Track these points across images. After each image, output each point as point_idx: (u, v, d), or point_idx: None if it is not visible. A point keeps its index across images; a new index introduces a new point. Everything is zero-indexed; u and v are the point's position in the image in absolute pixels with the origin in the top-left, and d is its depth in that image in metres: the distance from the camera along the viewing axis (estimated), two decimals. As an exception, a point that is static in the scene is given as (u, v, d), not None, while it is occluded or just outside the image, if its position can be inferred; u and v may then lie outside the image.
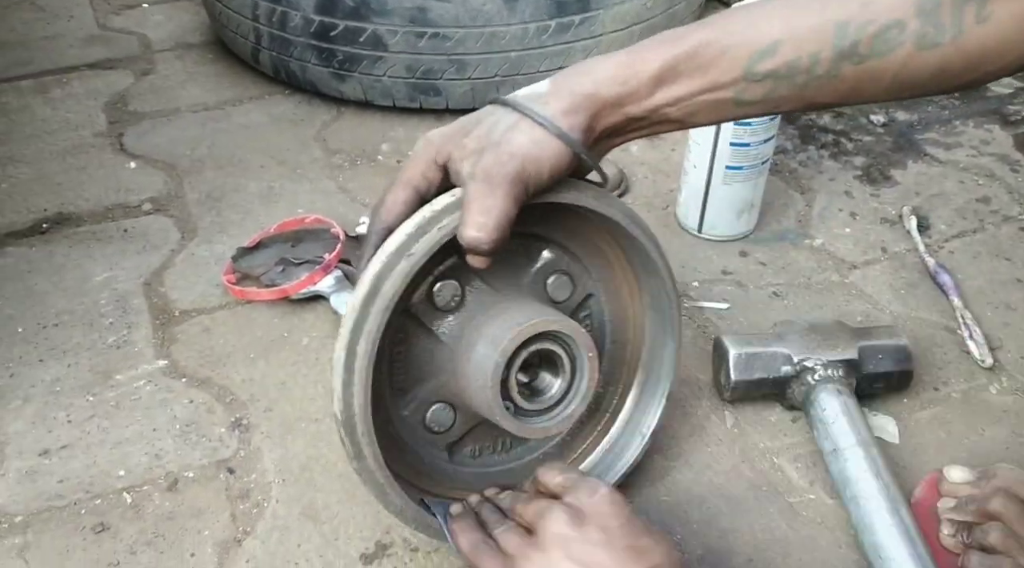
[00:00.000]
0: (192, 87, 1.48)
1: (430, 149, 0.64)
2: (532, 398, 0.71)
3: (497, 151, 0.60)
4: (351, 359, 0.64)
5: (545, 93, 0.63)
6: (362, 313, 0.63)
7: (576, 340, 0.69)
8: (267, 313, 1.04)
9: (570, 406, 0.71)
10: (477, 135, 0.62)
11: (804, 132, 1.40)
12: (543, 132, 0.61)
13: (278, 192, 1.24)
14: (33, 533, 0.80)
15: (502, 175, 0.60)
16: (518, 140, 0.61)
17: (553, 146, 0.61)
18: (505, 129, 0.61)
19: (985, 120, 1.43)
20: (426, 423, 0.74)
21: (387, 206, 0.65)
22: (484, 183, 0.60)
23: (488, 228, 0.60)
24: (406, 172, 0.65)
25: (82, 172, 1.26)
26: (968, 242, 1.17)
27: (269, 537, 0.80)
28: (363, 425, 0.65)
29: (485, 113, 0.64)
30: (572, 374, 0.71)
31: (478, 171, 0.60)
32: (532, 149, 0.61)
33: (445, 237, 0.63)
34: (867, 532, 0.76)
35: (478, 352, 0.68)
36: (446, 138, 0.63)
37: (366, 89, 1.38)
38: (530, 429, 0.70)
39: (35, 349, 0.98)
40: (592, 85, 0.62)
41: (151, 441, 0.88)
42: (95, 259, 1.11)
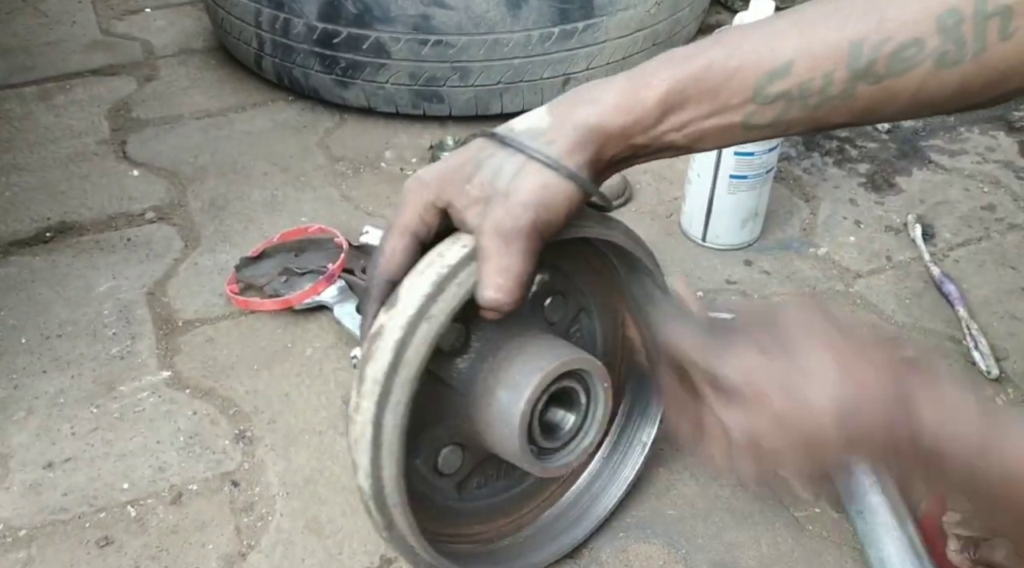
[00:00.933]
0: (195, 94, 1.48)
1: (426, 192, 0.60)
2: (550, 436, 0.69)
3: (507, 203, 0.57)
4: (378, 433, 0.60)
5: (546, 129, 0.59)
6: (386, 385, 0.59)
7: (593, 374, 0.68)
8: (270, 323, 1.03)
9: (586, 438, 0.70)
10: (480, 182, 0.58)
11: (808, 139, 1.39)
12: (552, 175, 0.58)
13: (281, 200, 1.24)
14: (37, 547, 0.79)
15: (517, 230, 0.57)
16: (527, 187, 0.57)
17: (564, 189, 0.58)
18: (512, 175, 0.57)
19: (990, 126, 1.43)
20: (437, 468, 0.72)
21: (386, 256, 0.61)
22: (498, 239, 0.57)
23: (507, 289, 0.58)
24: (402, 217, 0.61)
25: (85, 180, 1.26)
26: (973, 251, 1.17)
27: (273, 551, 0.80)
28: (395, 497, 0.62)
29: (483, 154, 0.59)
30: (587, 405, 0.70)
31: (489, 226, 0.57)
32: (544, 196, 0.57)
33: (466, 295, 0.60)
34: (873, 547, 0.76)
35: (500, 399, 0.65)
36: (444, 181, 0.60)
37: (369, 96, 1.37)
38: (551, 469, 0.69)
39: (38, 360, 0.98)
40: (596, 117, 0.59)
41: (155, 453, 0.88)
42: (98, 268, 1.11)
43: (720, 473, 0.58)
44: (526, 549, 0.79)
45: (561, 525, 0.81)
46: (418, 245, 0.62)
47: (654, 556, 0.80)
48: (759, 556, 0.80)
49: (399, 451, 0.61)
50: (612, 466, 0.83)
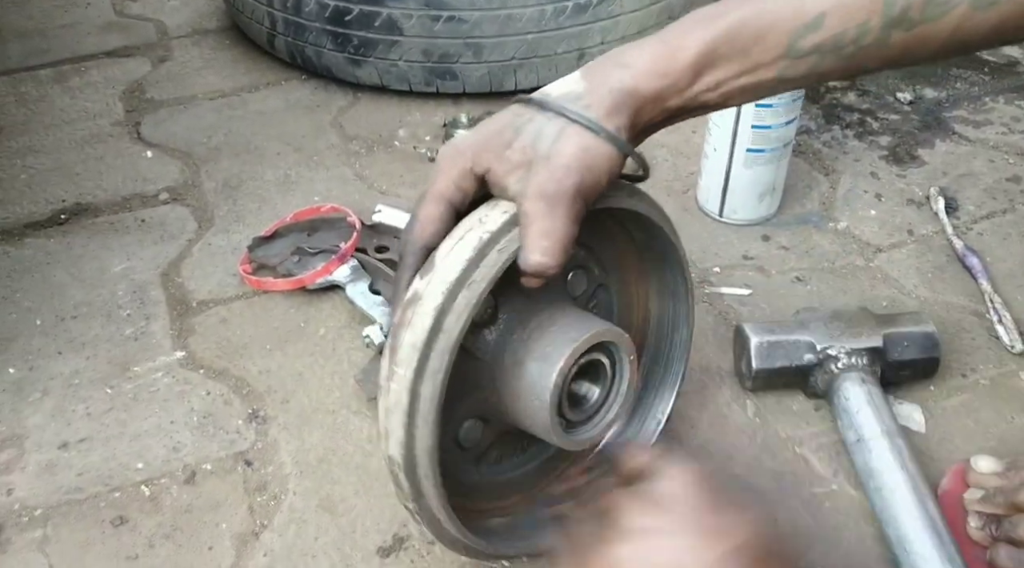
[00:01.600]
0: (208, 74, 1.47)
1: (462, 159, 0.59)
2: (575, 408, 0.68)
3: (550, 165, 0.56)
4: (414, 401, 0.59)
5: (583, 92, 0.58)
6: (424, 352, 0.58)
7: (619, 346, 0.67)
8: (283, 303, 1.03)
9: (611, 411, 0.69)
10: (522, 146, 0.58)
11: (828, 111, 1.37)
12: (593, 138, 0.57)
13: (295, 180, 1.23)
14: (53, 527, 0.80)
15: (561, 193, 0.56)
16: (569, 151, 0.56)
17: (605, 152, 0.57)
18: (553, 139, 0.57)
19: (1016, 96, 1.39)
20: (459, 441, 0.71)
21: (421, 222, 0.61)
22: (542, 202, 0.56)
23: (553, 252, 0.57)
24: (437, 184, 0.60)
25: (100, 162, 1.26)
26: (998, 223, 1.14)
27: (286, 530, 0.80)
28: (426, 467, 0.61)
29: (522, 119, 0.59)
30: (612, 378, 0.69)
31: (533, 190, 0.57)
32: (586, 159, 0.57)
33: (507, 261, 0.59)
34: (892, 525, 0.75)
35: (530, 371, 0.64)
36: (481, 147, 0.59)
37: (382, 74, 1.36)
38: (577, 441, 0.68)
39: (54, 342, 0.98)
40: (631, 80, 0.58)
41: (169, 433, 0.88)
42: (113, 250, 1.11)
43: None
44: (540, 525, 0.78)
45: None
46: (453, 212, 0.61)
47: (668, 534, 0.79)
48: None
49: (435, 421, 0.60)
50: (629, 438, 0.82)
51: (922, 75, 1.46)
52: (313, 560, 0.77)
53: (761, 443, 0.87)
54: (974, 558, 0.72)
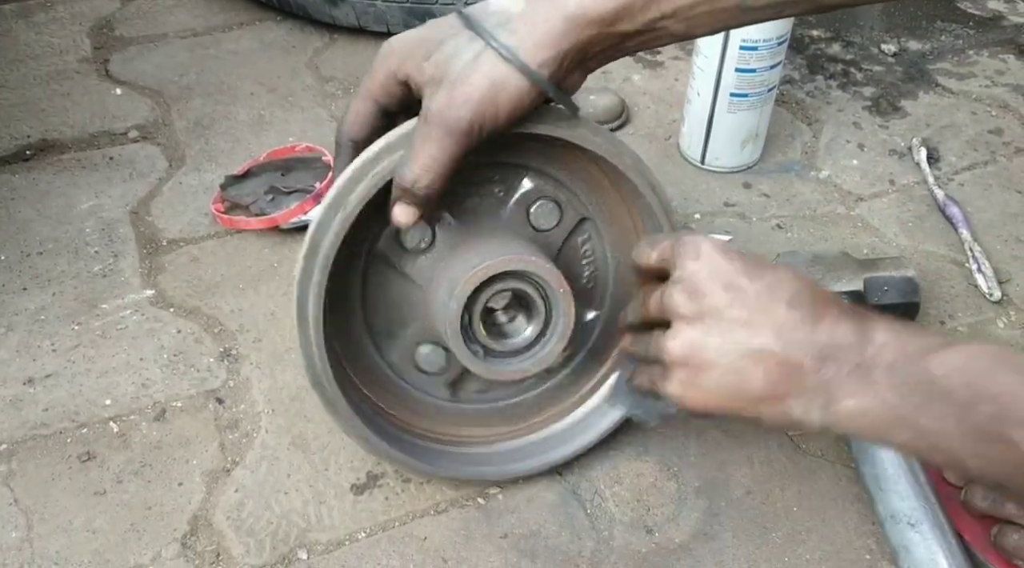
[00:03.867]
0: (180, 12, 1.43)
1: (389, 62, 0.60)
2: (501, 339, 0.68)
3: (451, 91, 0.56)
4: (303, 312, 0.65)
5: (516, 15, 0.56)
6: (305, 268, 0.63)
7: (545, 278, 0.65)
8: (256, 243, 1.01)
9: (547, 346, 0.68)
10: (436, 61, 0.57)
11: (812, 62, 1.35)
12: (507, 68, 0.55)
13: (268, 120, 1.20)
14: (18, 461, 0.78)
15: (452, 121, 0.56)
16: (476, 80, 0.55)
17: (515, 84, 0.56)
18: (466, 62, 0.56)
19: (1000, 50, 1.39)
20: (417, 365, 0.72)
21: (349, 118, 0.63)
22: (432, 127, 0.57)
23: (423, 175, 0.58)
24: (367, 82, 0.62)
25: (66, 98, 1.22)
26: (979, 174, 1.14)
27: (258, 467, 0.78)
28: (324, 379, 0.67)
29: (448, 31, 0.58)
30: (547, 313, 0.68)
31: (430, 111, 0.57)
32: (489, 91, 0.56)
33: (378, 185, 0.61)
34: (868, 464, 0.75)
35: (440, 296, 0.66)
36: (406, 53, 0.59)
37: (359, 15, 1.33)
38: (502, 371, 0.68)
39: (18, 277, 0.96)
40: (576, 4, 0.55)
41: (138, 371, 0.86)
42: (80, 187, 1.08)
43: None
44: (516, 456, 0.77)
45: (558, 440, 0.79)
46: (380, 111, 0.63)
47: (645, 473, 0.79)
48: (752, 474, 0.79)
49: (319, 333, 0.65)
50: None
51: (906, 27, 1.44)
52: (286, 496, 0.76)
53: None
54: (948, 498, 0.73)
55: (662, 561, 0.73)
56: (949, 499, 0.72)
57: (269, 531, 0.74)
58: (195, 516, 0.75)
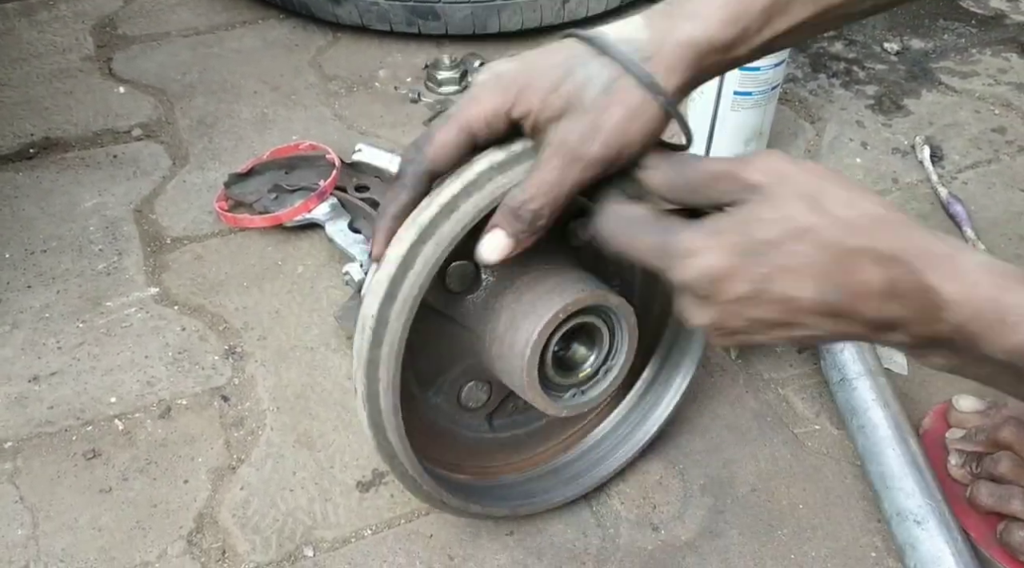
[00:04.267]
0: (182, 11, 1.43)
1: (503, 95, 0.54)
2: (566, 373, 0.66)
3: (585, 122, 0.52)
4: (372, 369, 0.58)
5: (646, 41, 0.53)
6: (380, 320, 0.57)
7: (617, 311, 0.64)
8: (260, 241, 1.01)
9: (607, 378, 0.66)
10: (567, 92, 0.52)
11: (815, 60, 1.35)
12: (643, 96, 0.52)
13: (272, 118, 1.20)
14: (23, 459, 0.78)
15: (583, 152, 0.52)
16: (613, 110, 0.52)
17: (650, 115, 0.53)
18: (600, 90, 0.52)
19: (1003, 48, 1.39)
20: (461, 402, 0.70)
21: (435, 145, 0.56)
22: (561, 156, 0.53)
23: (539, 203, 0.54)
24: (467, 111, 0.55)
25: (69, 96, 1.22)
26: (982, 173, 1.14)
27: (264, 464, 0.78)
28: (393, 428, 0.61)
29: (575, 60, 0.53)
30: (609, 346, 0.66)
31: (557, 140, 0.53)
32: (626, 124, 0.52)
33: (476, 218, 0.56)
34: (874, 462, 0.75)
35: (510, 337, 0.62)
36: (526, 88, 0.53)
37: (362, 13, 1.33)
38: (568, 407, 0.66)
39: (23, 275, 0.95)
40: (702, 31, 0.53)
41: (143, 368, 0.86)
42: (84, 185, 1.08)
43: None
44: (551, 484, 0.76)
45: (585, 464, 0.78)
46: (472, 145, 0.56)
47: (651, 472, 0.79)
48: (757, 471, 0.79)
49: (393, 385, 0.59)
50: (642, 409, 0.79)
51: (909, 26, 1.44)
52: (291, 494, 0.76)
53: (743, 384, 0.87)
54: (954, 496, 0.73)
55: (668, 559, 0.73)
56: (955, 496, 0.72)
57: (275, 528, 0.74)
58: (201, 513, 0.75)
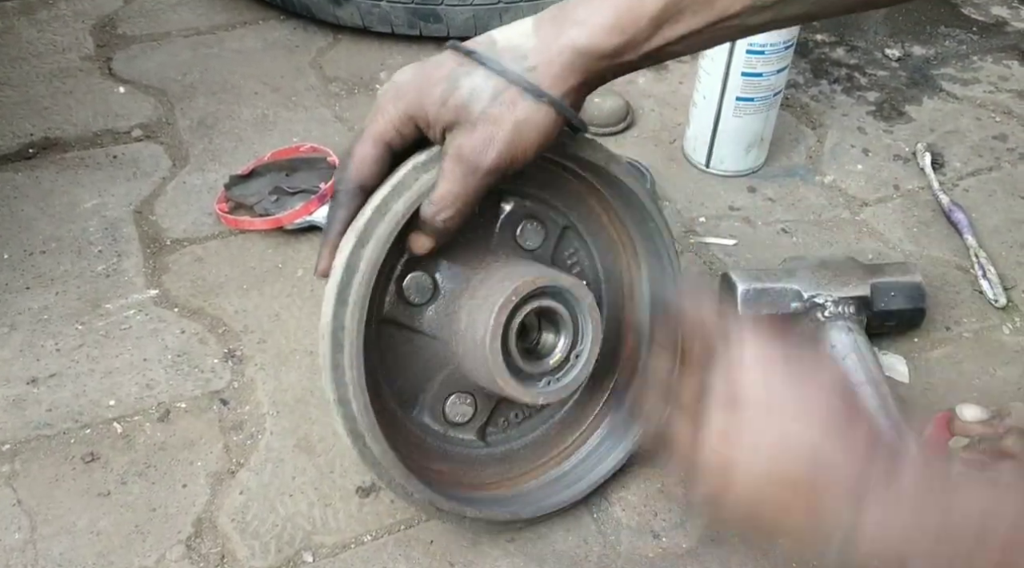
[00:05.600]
0: (183, 11, 1.42)
1: (401, 103, 0.57)
2: (537, 362, 0.66)
3: (475, 133, 0.55)
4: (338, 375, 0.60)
5: (530, 50, 0.55)
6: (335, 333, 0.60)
7: (573, 292, 0.65)
8: (260, 243, 1.01)
9: (581, 358, 0.67)
10: (455, 104, 0.55)
11: (816, 66, 1.35)
12: (532, 104, 0.55)
13: (272, 120, 1.20)
14: (21, 462, 0.78)
15: (478, 161, 0.56)
16: (504, 118, 0.55)
17: (542, 120, 0.56)
18: (488, 100, 0.55)
19: (1004, 56, 1.39)
20: (448, 418, 0.70)
21: (355, 162, 0.60)
22: (458, 167, 0.56)
23: (446, 213, 0.59)
24: (376, 124, 0.59)
25: (69, 96, 1.22)
26: (984, 180, 1.14)
27: (263, 469, 0.78)
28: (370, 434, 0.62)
29: (460, 70, 0.55)
30: (574, 330, 0.67)
31: (453, 150, 0.56)
32: (518, 129, 0.55)
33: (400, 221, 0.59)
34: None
35: (472, 328, 0.64)
36: (419, 93, 0.56)
37: (364, 15, 1.32)
38: (549, 393, 0.66)
39: (21, 276, 0.95)
40: (587, 39, 0.55)
41: (142, 371, 0.86)
42: (83, 185, 1.07)
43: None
44: (546, 492, 0.76)
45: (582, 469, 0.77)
46: (390, 154, 0.60)
47: (652, 479, 0.79)
48: (758, 479, 0.79)
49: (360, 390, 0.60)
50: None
51: (910, 32, 1.44)
52: (291, 499, 0.76)
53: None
54: (956, 505, 0.72)
55: (669, 566, 0.72)
56: (957, 506, 0.72)
57: (274, 534, 0.73)
58: (199, 518, 0.74)
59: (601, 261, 0.76)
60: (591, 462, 0.77)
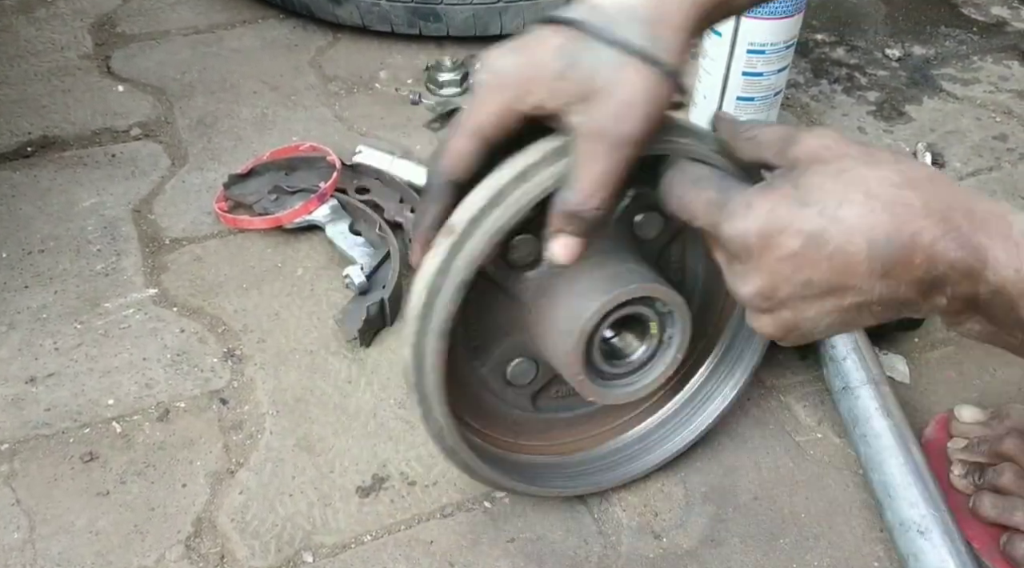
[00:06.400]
0: (182, 9, 1.42)
1: (506, 93, 0.53)
2: (613, 361, 0.65)
3: (612, 102, 0.51)
4: (425, 321, 0.59)
5: (643, 10, 0.52)
6: (436, 281, 0.58)
7: (670, 305, 0.64)
8: (260, 242, 1.00)
9: (654, 371, 0.66)
10: (578, 77, 0.51)
11: (816, 66, 1.35)
12: (655, 73, 0.51)
13: (272, 119, 1.20)
14: (20, 461, 0.77)
15: (619, 133, 0.52)
16: (634, 87, 0.51)
17: (659, 86, 0.52)
18: (614, 68, 0.51)
19: (1004, 56, 1.39)
20: (507, 378, 0.70)
21: (450, 156, 0.56)
22: (600, 143, 0.52)
23: (603, 198, 0.54)
24: (476, 116, 0.55)
25: (68, 95, 1.22)
26: (984, 180, 1.14)
27: (263, 468, 0.78)
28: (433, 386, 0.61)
29: (575, 46, 0.52)
30: (660, 337, 0.66)
31: (592, 127, 0.52)
32: (649, 98, 0.51)
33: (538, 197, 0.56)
34: (876, 471, 0.74)
35: (561, 317, 0.62)
36: (529, 80, 0.52)
37: (363, 14, 1.32)
38: (611, 396, 0.66)
39: (20, 275, 0.95)
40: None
41: (141, 370, 0.86)
42: (82, 184, 1.07)
43: None
44: (595, 468, 0.76)
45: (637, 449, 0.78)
46: (487, 148, 0.56)
47: (652, 478, 0.79)
48: (759, 480, 0.79)
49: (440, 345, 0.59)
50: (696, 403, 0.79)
51: (911, 32, 1.44)
52: (291, 499, 0.76)
53: (746, 392, 0.86)
54: (957, 506, 0.72)
55: (670, 567, 0.72)
56: (958, 507, 0.72)
57: (274, 533, 0.73)
58: (199, 518, 0.74)
59: (703, 262, 0.74)
60: (641, 445, 0.78)
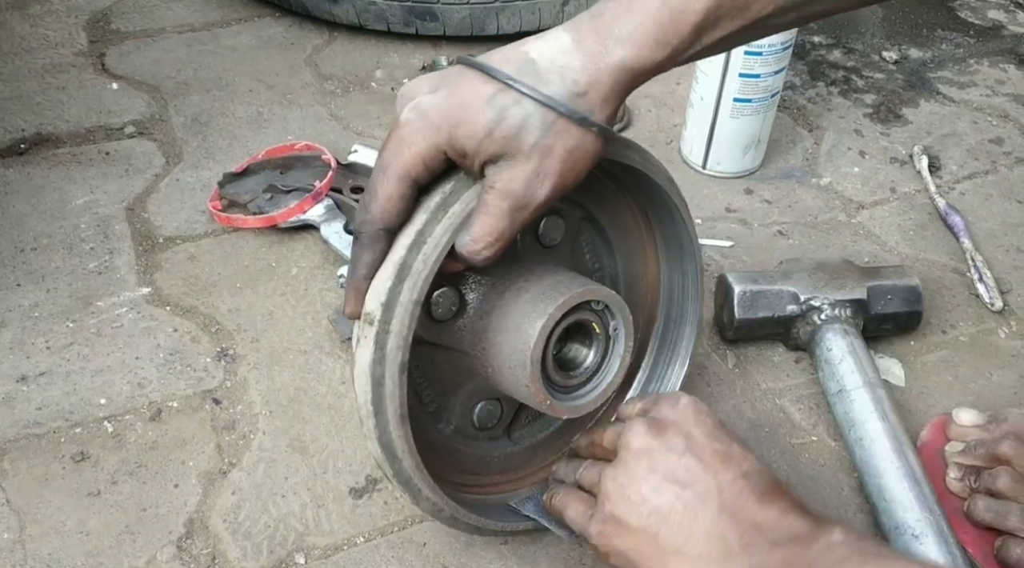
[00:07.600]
0: (177, 7, 1.42)
1: (434, 135, 0.53)
2: (571, 372, 0.65)
3: (527, 165, 0.52)
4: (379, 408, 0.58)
5: (579, 70, 0.52)
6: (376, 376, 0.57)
7: (609, 304, 0.64)
8: (254, 242, 1.00)
9: (609, 372, 0.66)
10: (502, 136, 0.52)
11: (813, 68, 1.35)
12: (583, 134, 0.52)
13: (267, 117, 1.19)
14: (10, 461, 0.77)
15: (529, 197, 0.53)
16: (557, 149, 0.52)
17: (590, 146, 0.53)
18: (540, 132, 0.52)
19: (1000, 59, 1.39)
20: (476, 425, 0.70)
21: (380, 202, 0.55)
22: (505, 202, 0.53)
23: (493, 249, 0.56)
24: (402, 158, 0.54)
25: (62, 92, 1.21)
26: (980, 183, 1.14)
27: (255, 469, 0.77)
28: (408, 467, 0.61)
29: (505, 100, 0.52)
30: (606, 333, 0.66)
31: (502, 184, 0.53)
32: (570, 158, 0.53)
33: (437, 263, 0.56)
34: (872, 474, 0.74)
35: (507, 354, 0.62)
36: (456, 127, 0.52)
37: (359, 13, 1.32)
38: (576, 407, 0.66)
39: (12, 273, 0.94)
40: (634, 56, 0.52)
41: (133, 370, 0.85)
42: (75, 182, 1.06)
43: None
44: None
45: None
46: (416, 191, 0.56)
47: (647, 481, 0.78)
48: (754, 483, 0.78)
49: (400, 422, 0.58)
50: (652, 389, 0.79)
51: (907, 35, 1.44)
52: (283, 500, 0.75)
53: (740, 394, 0.86)
54: (952, 510, 0.72)
55: (664, 570, 0.72)
56: (953, 510, 0.72)
57: (266, 535, 0.73)
58: (191, 518, 0.74)
59: (620, 257, 0.74)
60: None
